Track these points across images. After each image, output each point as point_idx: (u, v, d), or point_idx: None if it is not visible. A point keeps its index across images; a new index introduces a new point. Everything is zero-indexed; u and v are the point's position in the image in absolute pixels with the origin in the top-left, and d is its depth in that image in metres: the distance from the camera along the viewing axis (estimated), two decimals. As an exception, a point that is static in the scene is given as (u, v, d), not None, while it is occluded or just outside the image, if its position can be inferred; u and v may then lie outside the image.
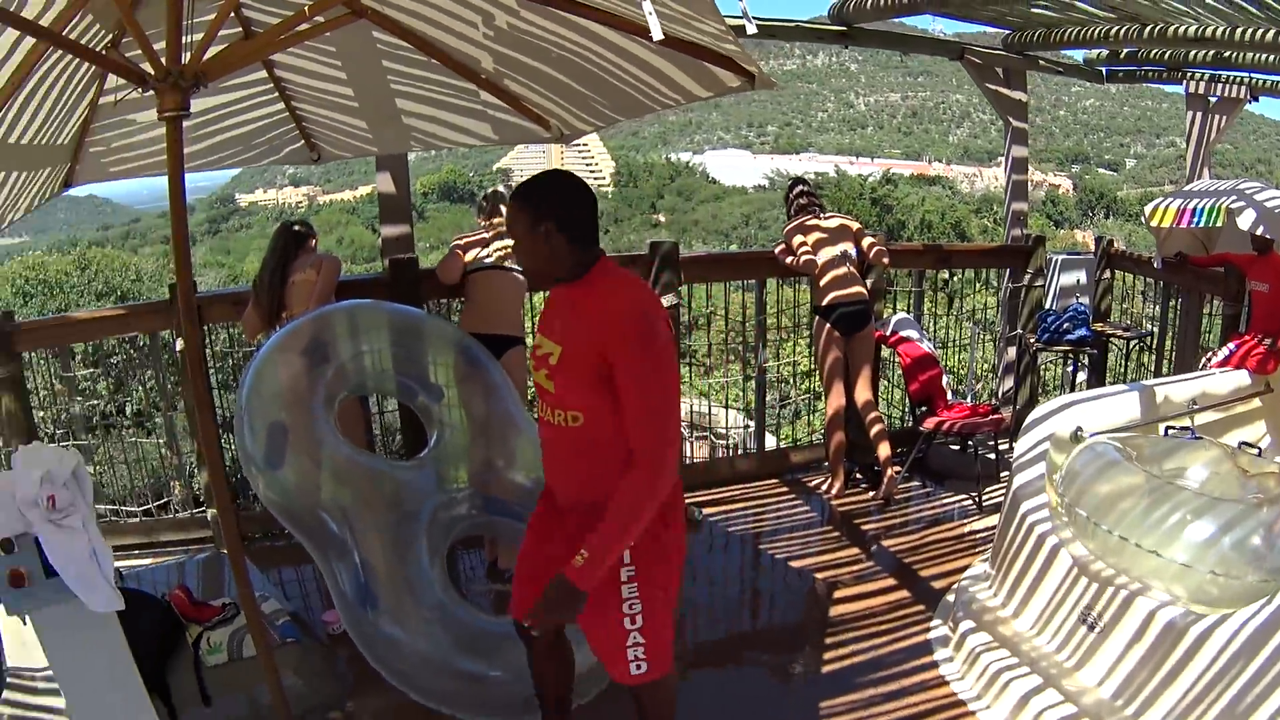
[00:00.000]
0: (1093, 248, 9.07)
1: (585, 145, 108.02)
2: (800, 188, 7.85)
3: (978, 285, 10.07)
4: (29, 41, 3.84)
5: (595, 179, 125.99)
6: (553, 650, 4.04)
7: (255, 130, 5.74)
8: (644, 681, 3.56)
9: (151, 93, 3.70)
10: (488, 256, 6.22)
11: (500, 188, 6.97)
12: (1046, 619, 4.79)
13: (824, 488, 7.58)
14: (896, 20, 9.12)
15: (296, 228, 6.08)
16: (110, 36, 4.30)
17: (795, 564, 6.41)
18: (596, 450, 3.37)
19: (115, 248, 48.73)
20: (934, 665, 5.11)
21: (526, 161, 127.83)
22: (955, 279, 11.42)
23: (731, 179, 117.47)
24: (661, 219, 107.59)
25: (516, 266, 6.22)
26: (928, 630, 5.46)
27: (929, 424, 7.55)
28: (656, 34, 2.69)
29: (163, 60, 3.43)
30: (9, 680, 4.78)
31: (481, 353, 5.63)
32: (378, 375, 5.51)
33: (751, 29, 3.19)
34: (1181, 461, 4.93)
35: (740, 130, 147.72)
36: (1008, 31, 8.70)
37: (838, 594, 5.96)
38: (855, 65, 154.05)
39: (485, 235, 6.29)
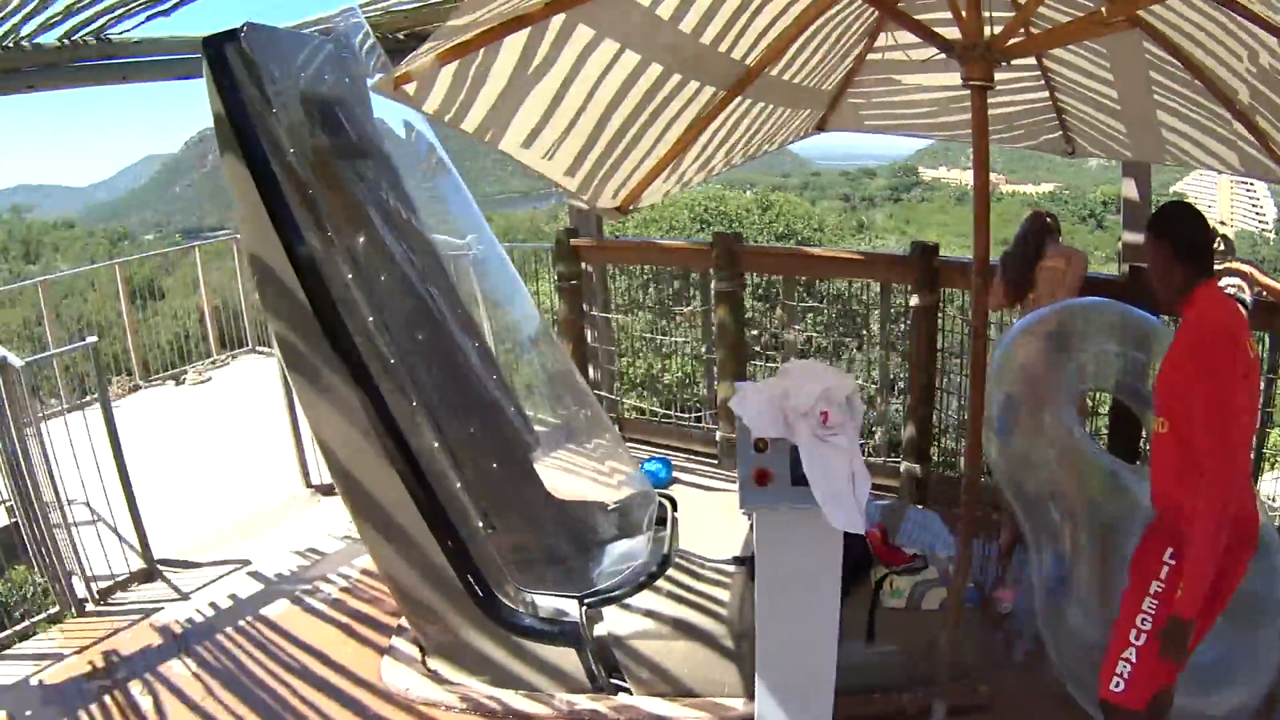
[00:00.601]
0: None
1: (1251, 185, 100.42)
2: None
3: None
4: None
5: (1258, 220, 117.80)
6: None
7: (1017, 113, 6.01)
8: (1114, 703, 3.77)
9: (921, 58, 4.31)
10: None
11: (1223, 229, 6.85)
12: None
13: None
14: None
15: (1048, 219, 6.33)
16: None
17: None
18: (1174, 458, 3.66)
19: (794, 195, 50.25)
20: None
21: (1202, 189, 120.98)
22: None
23: None
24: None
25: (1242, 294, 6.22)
26: None
27: None
28: None
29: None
30: (676, 561, 5.46)
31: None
32: (1110, 376, 5.64)
33: None
34: None
35: None
36: None
37: None
38: None
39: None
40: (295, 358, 5.19)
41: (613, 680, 5.17)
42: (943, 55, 4.26)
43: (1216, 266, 6.02)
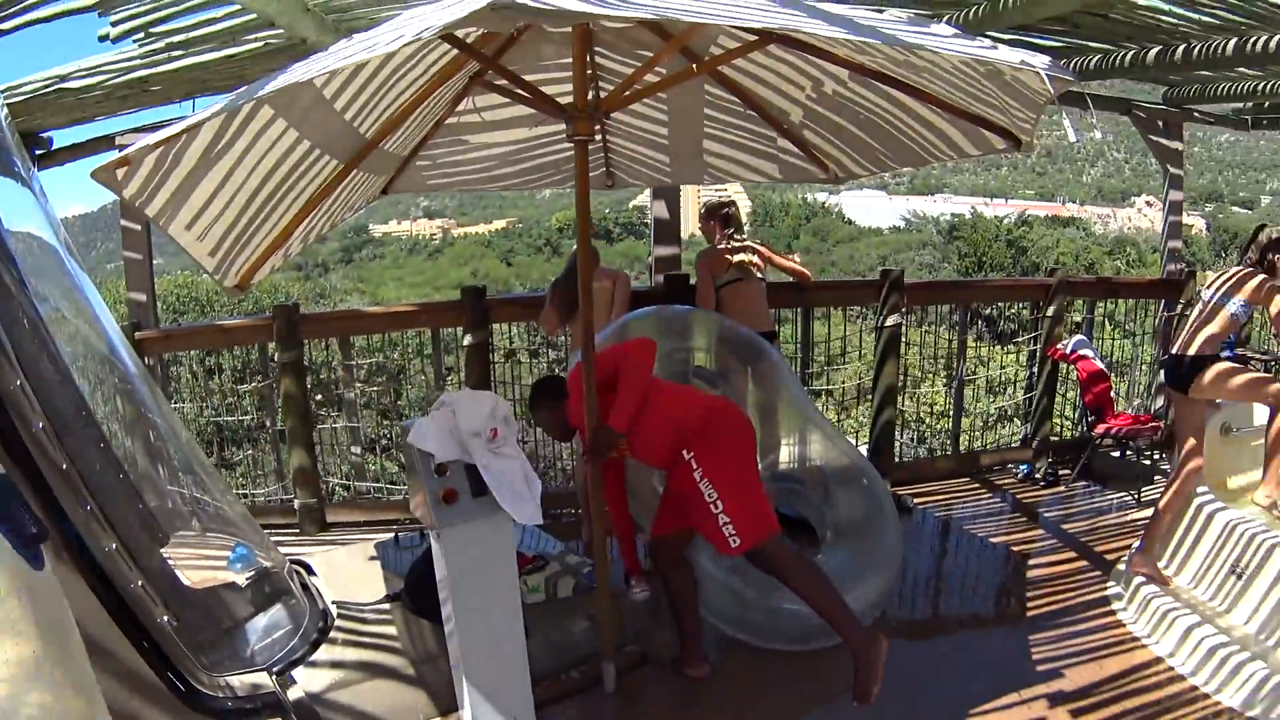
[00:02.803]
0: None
1: (723, 186, 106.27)
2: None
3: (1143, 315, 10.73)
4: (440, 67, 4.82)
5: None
6: (676, 567, 5.37)
7: (565, 159, 6.40)
8: (745, 551, 4.86)
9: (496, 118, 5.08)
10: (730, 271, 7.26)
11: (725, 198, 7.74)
12: (1202, 574, 5.98)
13: None
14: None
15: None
16: (480, 67, 5.05)
17: (994, 540, 7.55)
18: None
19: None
20: (1112, 613, 6.17)
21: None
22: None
23: (867, 220, 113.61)
24: (798, 259, 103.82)
25: (759, 274, 7.35)
26: (1105, 589, 6.51)
27: (1099, 429, 8.57)
28: (1072, 136, 3.68)
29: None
30: (339, 613, 5.63)
31: (755, 343, 6.91)
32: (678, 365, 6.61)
33: (1073, 138, 4.06)
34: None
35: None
36: (1165, 88, 9.62)
37: (1030, 562, 7.07)
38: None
39: (724, 251, 7.30)
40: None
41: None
42: (528, 113, 5.05)
43: (735, 243, 7.17)
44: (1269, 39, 6.23)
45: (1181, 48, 6.83)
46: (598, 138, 6.31)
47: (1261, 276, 5.99)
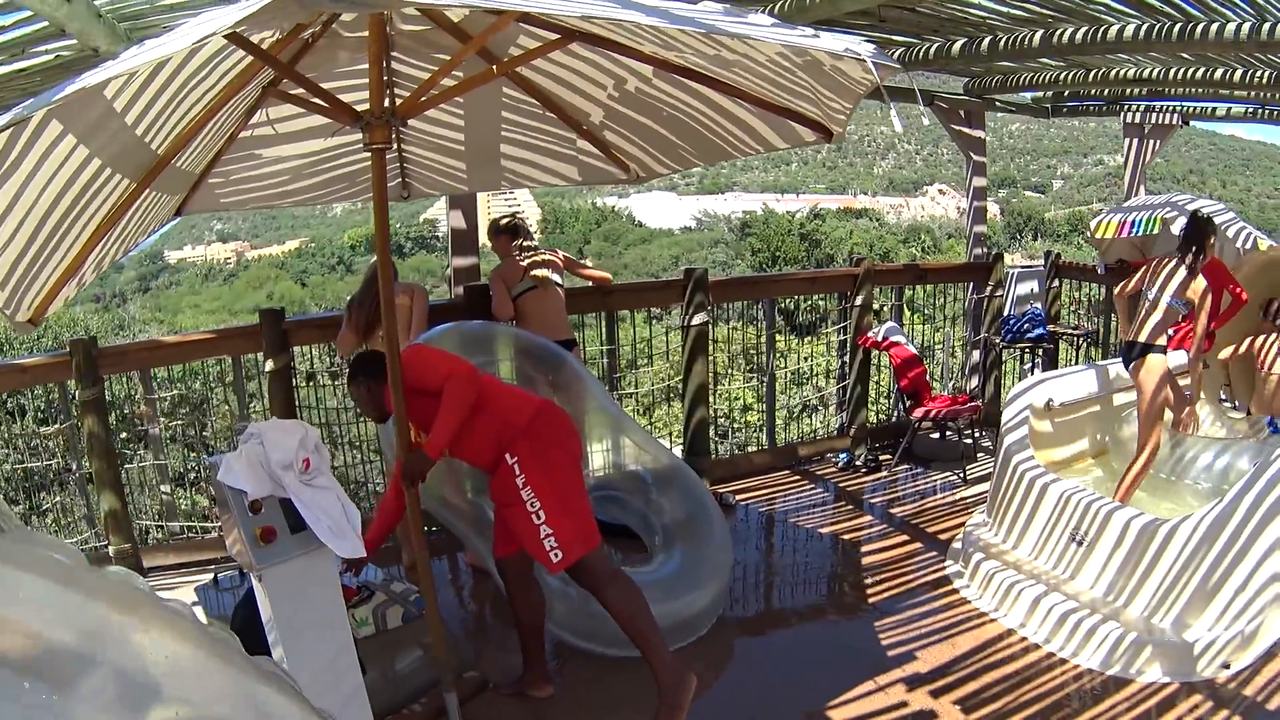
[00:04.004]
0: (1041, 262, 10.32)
1: (512, 194, 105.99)
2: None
3: (943, 300, 10.91)
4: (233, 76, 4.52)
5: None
6: (525, 586, 5.22)
7: (359, 170, 6.18)
8: (567, 567, 4.74)
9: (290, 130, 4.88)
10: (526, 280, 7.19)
11: (519, 217, 7.69)
12: (1041, 544, 6.03)
13: None
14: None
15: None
16: (273, 76, 4.79)
17: (823, 530, 7.56)
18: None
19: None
20: (954, 591, 6.26)
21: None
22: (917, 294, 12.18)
23: (658, 221, 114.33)
24: (589, 263, 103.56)
25: (556, 280, 7.28)
26: (943, 569, 6.60)
27: (918, 413, 8.68)
28: (898, 127, 3.61)
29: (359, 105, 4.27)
30: None
31: (554, 352, 6.88)
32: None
33: (899, 127, 4.00)
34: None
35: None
36: (967, 79, 9.86)
37: (864, 548, 7.12)
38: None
39: (520, 262, 7.21)
40: None
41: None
42: (323, 123, 4.92)
43: (528, 253, 7.13)
44: (1074, 30, 6.40)
45: (988, 39, 7.02)
46: (393, 146, 6.05)
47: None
